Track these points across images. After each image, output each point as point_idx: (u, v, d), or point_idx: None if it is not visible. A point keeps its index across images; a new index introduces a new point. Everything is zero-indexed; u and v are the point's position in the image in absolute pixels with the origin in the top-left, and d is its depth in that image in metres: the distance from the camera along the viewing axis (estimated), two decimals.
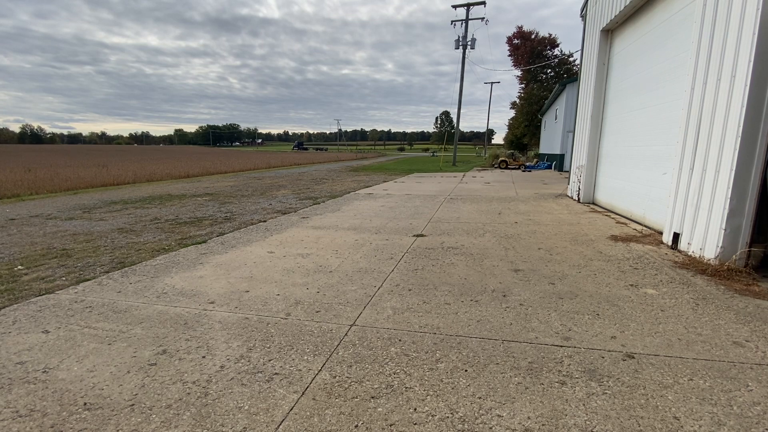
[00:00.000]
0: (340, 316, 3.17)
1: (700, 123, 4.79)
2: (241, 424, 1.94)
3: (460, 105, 30.61)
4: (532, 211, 8.24)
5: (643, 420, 1.94)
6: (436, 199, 10.02)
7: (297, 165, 30.53)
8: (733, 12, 4.28)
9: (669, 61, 6.16)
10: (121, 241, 5.73)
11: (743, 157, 4.09)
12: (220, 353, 2.60)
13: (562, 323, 3.02)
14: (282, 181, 16.39)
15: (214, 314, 3.21)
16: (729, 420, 1.94)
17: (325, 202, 9.68)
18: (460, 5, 28.10)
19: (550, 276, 4.13)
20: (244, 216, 7.83)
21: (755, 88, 3.97)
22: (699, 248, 4.63)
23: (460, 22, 28.52)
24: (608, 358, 2.51)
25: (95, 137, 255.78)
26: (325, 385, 2.26)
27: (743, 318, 3.09)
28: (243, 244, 5.52)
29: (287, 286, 3.87)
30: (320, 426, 1.92)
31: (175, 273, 4.28)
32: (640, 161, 7.06)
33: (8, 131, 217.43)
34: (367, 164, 31.90)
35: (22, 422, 1.95)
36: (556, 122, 24.22)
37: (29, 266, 4.55)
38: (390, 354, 2.59)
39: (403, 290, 3.74)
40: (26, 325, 3.02)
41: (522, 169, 23.97)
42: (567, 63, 40.34)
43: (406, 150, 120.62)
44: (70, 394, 2.17)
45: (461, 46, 28.81)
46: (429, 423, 1.94)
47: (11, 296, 3.62)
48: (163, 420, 1.97)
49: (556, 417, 1.97)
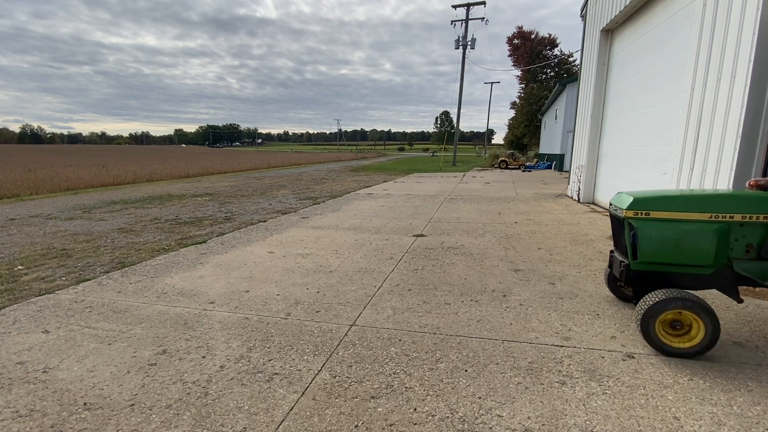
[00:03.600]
0: (340, 316, 3.17)
1: (700, 123, 4.79)
2: (241, 424, 1.94)
3: (460, 105, 30.62)
4: (532, 211, 8.24)
5: (643, 420, 1.94)
6: (436, 199, 10.02)
7: (297, 165, 30.54)
8: (733, 12, 4.28)
9: (669, 61, 6.16)
10: (121, 241, 5.73)
11: (743, 157, 4.09)
12: (220, 353, 2.60)
13: (562, 323, 3.02)
14: (282, 181, 16.39)
15: (214, 314, 3.21)
16: (729, 420, 1.94)
17: (325, 202, 9.68)
18: (460, 5, 28.10)
19: (550, 276, 4.13)
20: (244, 216, 7.83)
21: (755, 88, 3.97)
22: None
23: (460, 22, 28.53)
24: (608, 358, 2.51)
25: (95, 137, 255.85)
26: (325, 385, 2.26)
27: (743, 318, 3.10)
28: (243, 244, 5.52)
29: (287, 286, 3.87)
30: (320, 426, 1.92)
31: (175, 273, 4.28)
32: (641, 161, 7.06)
33: (8, 131, 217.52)
34: (367, 164, 31.91)
35: (22, 422, 1.95)
36: (556, 122, 24.22)
37: (29, 266, 4.55)
38: (390, 354, 2.59)
39: (403, 290, 3.74)
40: (26, 325, 3.02)
41: (522, 169, 23.97)
42: (567, 63, 40.34)
43: (406, 150, 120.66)
44: (70, 394, 2.17)
45: (461, 46, 28.81)
46: (429, 423, 1.94)
47: (11, 296, 3.62)
48: (163, 420, 1.97)
49: (556, 417, 1.97)
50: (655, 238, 2.64)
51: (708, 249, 2.56)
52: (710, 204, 2.60)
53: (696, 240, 2.57)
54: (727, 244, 2.58)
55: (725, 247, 2.58)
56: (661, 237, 2.63)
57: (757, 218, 2.50)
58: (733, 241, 2.60)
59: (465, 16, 28.32)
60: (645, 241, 2.65)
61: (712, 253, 2.56)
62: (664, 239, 2.63)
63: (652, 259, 2.69)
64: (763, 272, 2.56)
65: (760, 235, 2.55)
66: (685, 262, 2.64)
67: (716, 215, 2.54)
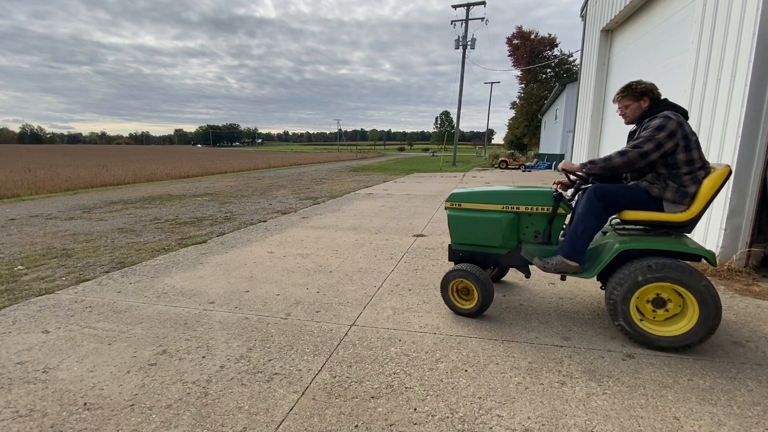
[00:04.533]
0: (340, 316, 3.17)
1: (700, 123, 4.79)
2: (241, 424, 1.94)
3: (460, 105, 30.61)
4: None
5: (643, 420, 1.94)
6: (436, 199, 10.02)
7: (297, 165, 30.53)
8: (733, 12, 4.28)
9: (669, 61, 6.17)
10: (121, 241, 5.73)
11: (743, 157, 4.09)
12: (220, 353, 2.60)
13: (562, 323, 3.02)
14: (282, 181, 16.39)
15: (214, 314, 3.21)
16: (729, 420, 1.94)
17: (325, 202, 9.68)
18: (460, 5, 28.10)
19: (550, 276, 4.13)
20: (244, 216, 7.83)
21: (755, 87, 3.97)
22: None
23: (460, 22, 28.52)
24: (608, 358, 2.51)
25: (95, 137, 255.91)
26: (325, 385, 2.26)
27: (743, 318, 3.10)
28: (243, 244, 5.52)
29: (287, 286, 3.87)
30: (320, 426, 1.92)
31: (175, 273, 4.28)
32: None
33: (8, 131, 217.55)
34: (367, 164, 31.91)
35: (22, 422, 1.95)
36: (556, 122, 24.22)
37: (29, 266, 4.55)
38: (390, 354, 2.59)
39: (403, 290, 3.74)
40: (26, 325, 3.02)
41: (522, 169, 23.96)
42: (567, 63, 40.32)
43: (406, 150, 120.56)
44: (70, 394, 2.18)
45: (461, 46, 28.80)
46: (429, 423, 1.94)
47: (11, 296, 3.63)
48: (163, 420, 1.97)
49: (556, 417, 1.97)
50: (462, 224, 3.25)
51: (500, 234, 3.12)
52: (502, 198, 3.15)
53: (490, 226, 3.15)
54: (517, 230, 3.16)
55: (515, 232, 3.16)
56: (466, 223, 3.23)
57: (539, 209, 3.03)
58: (524, 228, 3.16)
59: (465, 16, 28.32)
60: (454, 226, 3.29)
61: (503, 237, 3.12)
62: (468, 225, 3.23)
63: (461, 240, 3.30)
64: (531, 253, 3.06)
65: (543, 223, 3.07)
66: (484, 243, 3.21)
67: (506, 206, 3.11)
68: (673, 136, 2.55)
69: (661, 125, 2.57)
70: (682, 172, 2.60)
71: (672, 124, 2.56)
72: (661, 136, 2.54)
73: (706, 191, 2.55)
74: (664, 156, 2.60)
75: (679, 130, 2.56)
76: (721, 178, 2.55)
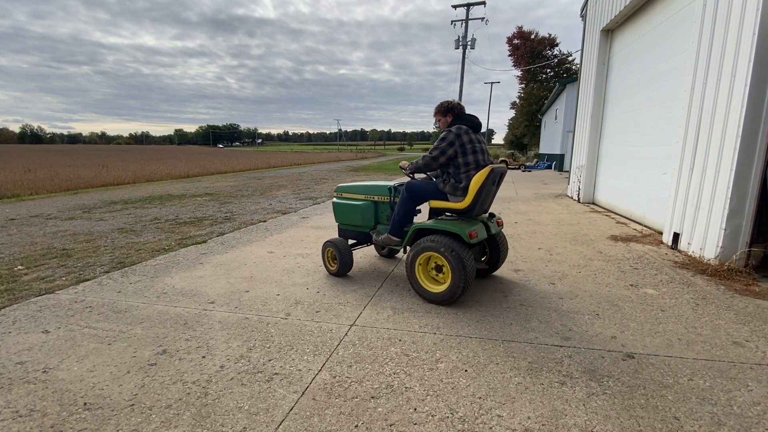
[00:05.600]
0: (340, 316, 3.17)
1: (700, 123, 4.79)
2: (241, 424, 1.94)
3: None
4: (532, 211, 8.24)
5: (643, 420, 1.94)
6: None
7: (297, 165, 30.52)
8: (733, 12, 4.28)
9: (669, 61, 6.17)
10: (121, 241, 5.73)
11: (743, 157, 4.09)
12: (220, 353, 2.60)
13: (562, 323, 3.02)
14: (282, 181, 16.39)
15: (214, 314, 3.21)
16: (729, 420, 1.94)
17: (325, 202, 9.67)
18: (460, 5, 28.08)
19: (550, 276, 4.13)
20: (244, 216, 7.83)
21: (755, 87, 3.97)
22: (699, 248, 4.63)
23: (460, 22, 28.50)
24: (608, 358, 2.51)
25: (95, 137, 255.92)
26: (325, 385, 2.26)
27: (743, 318, 3.10)
28: (243, 244, 5.52)
29: (287, 286, 3.87)
30: (320, 426, 1.92)
31: (175, 273, 4.28)
32: (640, 161, 7.06)
33: (8, 131, 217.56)
34: (367, 164, 31.91)
35: (22, 422, 1.95)
36: (556, 122, 24.22)
37: (29, 266, 4.55)
38: (390, 354, 2.59)
39: (403, 290, 3.74)
40: (26, 325, 3.02)
41: (522, 169, 23.97)
42: (567, 63, 40.30)
43: (406, 150, 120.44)
44: (70, 394, 2.17)
45: (461, 46, 28.78)
46: (429, 423, 1.94)
47: (11, 296, 3.63)
48: (163, 420, 1.97)
49: (556, 417, 1.97)
50: (341, 210, 4.28)
51: (361, 216, 4.12)
52: (364, 190, 4.16)
53: (357, 211, 4.14)
54: (376, 214, 4.12)
55: (374, 216, 4.11)
56: (343, 209, 4.25)
57: (383, 198, 4.04)
58: (381, 213, 4.12)
59: (465, 16, 28.30)
60: (337, 211, 4.32)
61: (363, 218, 4.12)
62: (345, 210, 4.24)
63: (341, 221, 4.32)
64: (380, 232, 4.03)
65: (389, 209, 4.05)
66: (353, 223, 4.22)
67: (367, 196, 4.13)
68: (453, 145, 3.33)
69: (444, 137, 3.37)
70: (460, 172, 3.36)
71: (451, 136, 3.34)
72: (443, 145, 3.35)
73: (473, 186, 3.28)
74: (449, 159, 3.38)
75: (457, 140, 3.33)
76: (483, 176, 3.24)
